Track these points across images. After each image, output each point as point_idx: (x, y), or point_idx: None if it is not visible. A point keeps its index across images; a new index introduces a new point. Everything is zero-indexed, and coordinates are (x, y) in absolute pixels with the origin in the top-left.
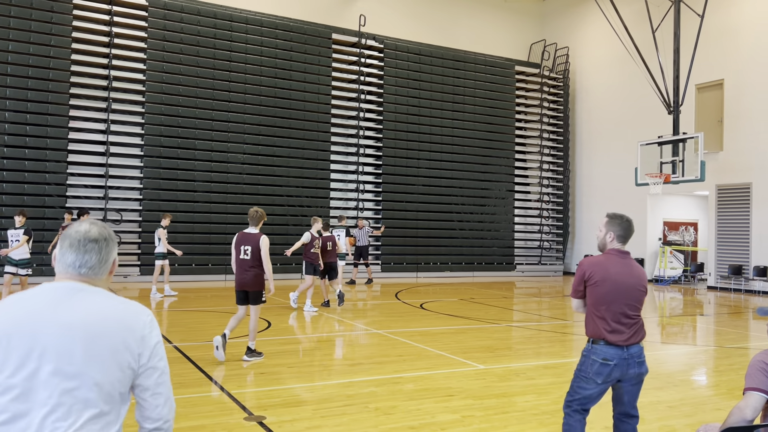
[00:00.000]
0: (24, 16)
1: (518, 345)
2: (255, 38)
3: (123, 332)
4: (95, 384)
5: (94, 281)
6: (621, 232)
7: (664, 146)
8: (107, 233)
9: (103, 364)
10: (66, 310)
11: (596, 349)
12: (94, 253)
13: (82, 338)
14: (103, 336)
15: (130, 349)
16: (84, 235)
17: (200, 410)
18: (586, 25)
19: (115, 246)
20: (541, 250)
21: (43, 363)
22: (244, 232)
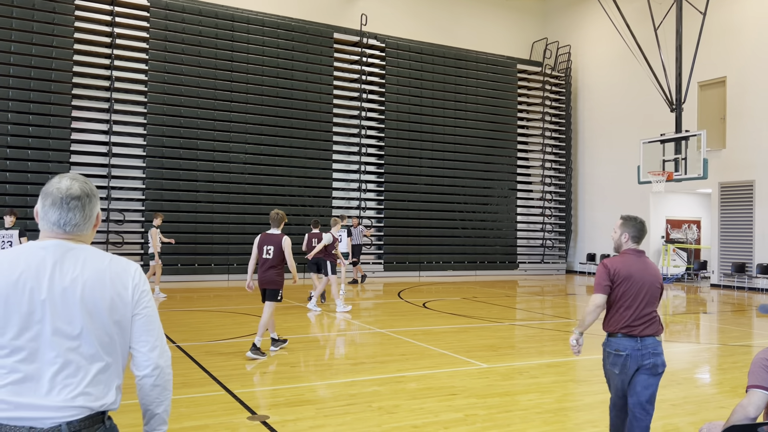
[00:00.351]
0: (26, 17)
1: (521, 344)
2: (257, 38)
3: (115, 287)
4: (97, 339)
5: (80, 237)
6: (635, 233)
7: (667, 144)
8: (89, 188)
9: (101, 320)
10: (60, 272)
11: (611, 342)
12: (78, 210)
13: (79, 298)
14: (98, 293)
15: (123, 301)
16: (66, 192)
17: (204, 410)
18: (588, 23)
19: (97, 201)
20: (543, 248)
21: (45, 324)
22: (267, 233)
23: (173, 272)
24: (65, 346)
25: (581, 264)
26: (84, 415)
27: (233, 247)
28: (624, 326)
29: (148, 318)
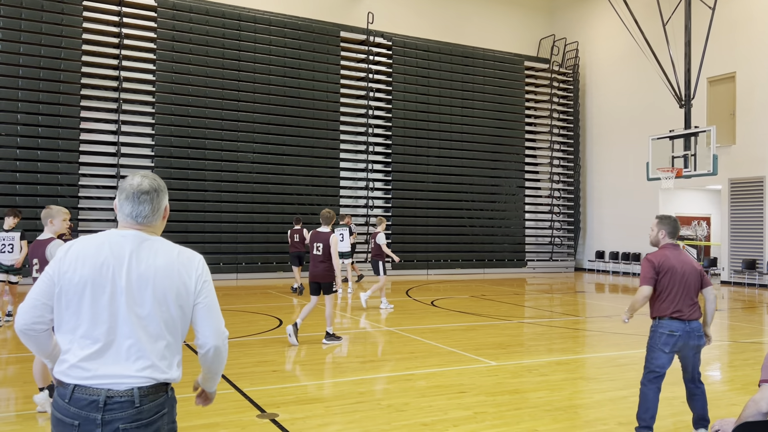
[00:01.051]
0: (35, 18)
1: (530, 341)
2: (264, 37)
3: (182, 277)
4: (162, 321)
5: (151, 227)
6: (670, 230)
7: (676, 140)
8: (157, 184)
9: (167, 304)
10: (137, 259)
11: (663, 324)
12: (147, 203)
13: (151, 284)
14: (167, 281)
15: (188, 291)
16: (137, 188)
17: (214, 408)
18: (596, 19)
19: (165, 195)
20: (552, 246)
21: (122, 305)
22: (317, 230)
23: None
24: (138, 324)
25: (590, 261)
26: (151, 384)
27: (241, 246)
28: (674, 311)
29: (208, 306)
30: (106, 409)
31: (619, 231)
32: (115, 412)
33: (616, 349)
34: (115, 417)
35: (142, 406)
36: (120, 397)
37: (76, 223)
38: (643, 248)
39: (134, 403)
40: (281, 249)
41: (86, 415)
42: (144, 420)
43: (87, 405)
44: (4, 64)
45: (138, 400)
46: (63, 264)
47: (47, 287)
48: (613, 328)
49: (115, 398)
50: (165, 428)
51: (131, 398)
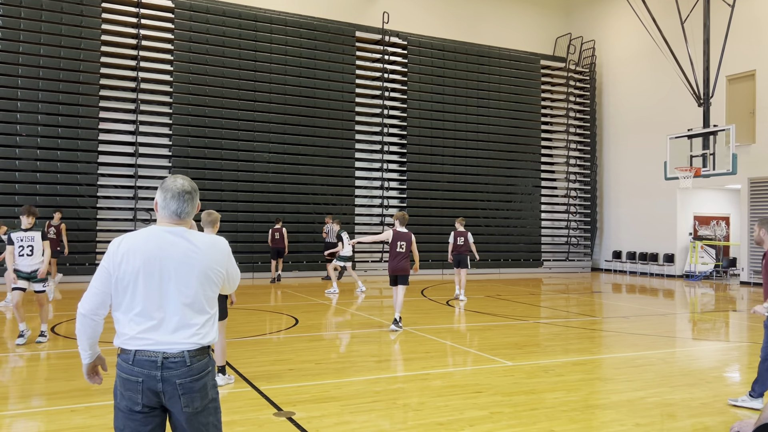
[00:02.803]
0: (54, 20)
1: (546, 342)
2: (279, 38)
3: (216, 257)
4: (204, 297)
5: (187, 222)
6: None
7: (694, 139)
8: (194, 186)
9: (209, 283)
10: (180, 248)
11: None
12: (189, 202)
13: (195, 269)
14: (206, 264)
15: (222, 267)
16: (181, 188)
17: (231, 406)
18: (613, 17)
19: (198, 194)
20: (568, 246)
21: (170, 286)
22: (398, 230)
23: None
24: (183, 302)
25: (607, 261)
26: (197, 347)
27: (257, 245)
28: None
29: (233, 275)
30: (164, 368)
31: (637, 231)
32: (171, 370)
33: (633, 349)
34: (172, 374)
35: (192, 365)
36: (174, 358)
37: (95, 222)
38: (661, 248)
39: (186, 362)
40: (297, 248)
41: (148, 373)
42: (195, 375)
43: (148, 364)
44: (26, 65)
45: (189, 360)
46: (116, 257)
47: (105, 278)
48: (630, 329)
49: (170, 359)
50: (210, 383)
51: (183, 358)
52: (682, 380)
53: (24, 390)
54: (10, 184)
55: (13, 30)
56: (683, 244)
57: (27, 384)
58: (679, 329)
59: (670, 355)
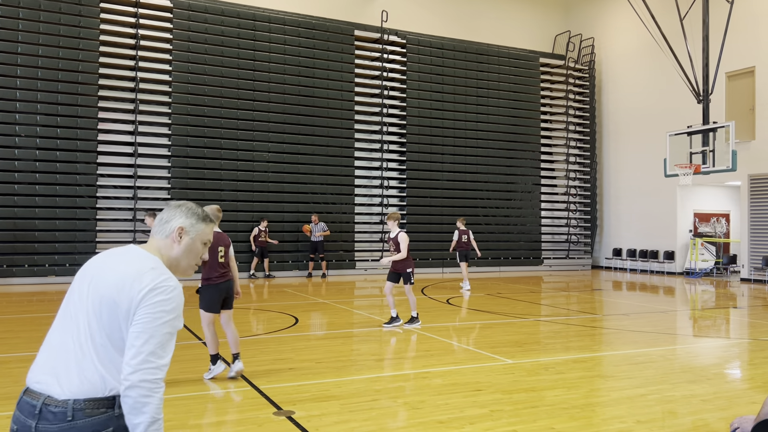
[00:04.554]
0: (53, 20)
1: (547, 339)
2: (278, 37)
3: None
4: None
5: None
6: None
7: (694, 136)
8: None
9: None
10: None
11: None
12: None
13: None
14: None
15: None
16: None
17: (230, 405)
18: (612, 14)
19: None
20: (568, 244)
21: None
22: (390, 236)
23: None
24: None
25: (607, 259)
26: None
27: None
28: None
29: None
30: (41, 418)
31: (637, 228)
32: (48, 423)
33: (633, 346)
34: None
35: (75, 420)
36: (55, 407)
37: (94, 223)
38: (661, 245)
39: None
40: (296, 247)
41: (24, 422)
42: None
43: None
44: (24, 66)
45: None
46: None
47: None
48: (631, 326)
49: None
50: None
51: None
52: (682, 377)
53: None
54: (9, 185)
55: (12, 30)
56: (683, 241)
57: None
58: (679, 326)
59: (671, 352)
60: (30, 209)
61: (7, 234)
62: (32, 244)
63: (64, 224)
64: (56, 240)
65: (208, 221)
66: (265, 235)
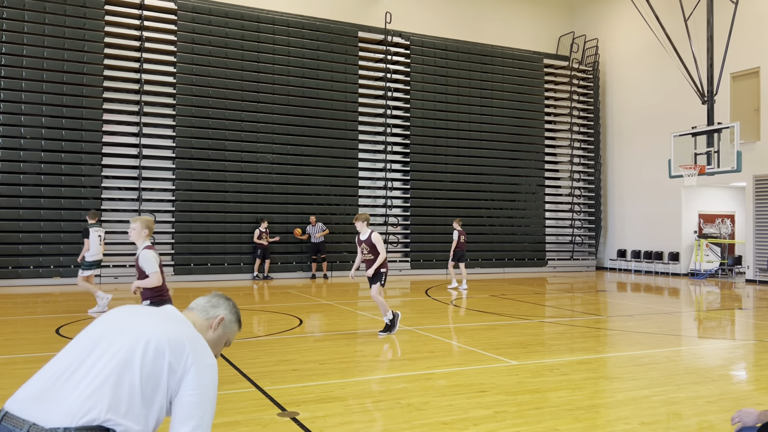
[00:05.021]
0: (58, 23)
1: (551, 341)
2: (282, 38)
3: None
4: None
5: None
6: None
7: (699, 137)
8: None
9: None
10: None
11: None
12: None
13: None
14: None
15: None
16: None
17: (234, 406)
18: (616, 15)
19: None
20: (573, 245)
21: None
22: (361, 238)
23: (203, 272)
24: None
25: (611, 260)
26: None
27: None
28: None
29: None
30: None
31: (641, 229)
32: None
33: (638, 348)
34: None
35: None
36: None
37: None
38: (666, 246)
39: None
40: (300, 249)
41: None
42: None
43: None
44: (29, 68)
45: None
46: None
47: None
48: (635, 327)
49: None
50: None
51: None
52: (687, 378)
53: None
54: (15, 187)
55: (17, 33)
56: (688, 243)
57: None
58: (684, 327)
59: (676, 353)
60: (35, 211)
61: (13, 235)
62: (37, 246)
63: (69, 226)
64: (61, 242)
65: (239, 326)
66: (266, 236)
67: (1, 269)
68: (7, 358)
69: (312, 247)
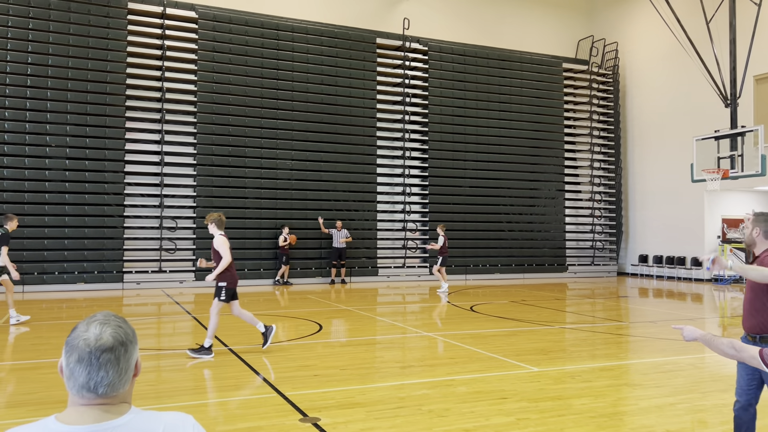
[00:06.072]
0: (82, 33)
1: (572, 347)
2: (301, 46)
3: None
4: None
5: (118, 397)
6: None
7: (722, 140)
8: (123, 333)
9: None
10: None
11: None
12: (111, 366)
13: None
14: None
15: None
16: (95, 344)
17: (257, 411)
18: (636, 19)
19: (136, 345)
20: (593, 250)
21: None
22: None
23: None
24: None
25: (633, 266)
26: None
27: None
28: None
29: None
30: None
31: (663, 234)
32: None
33: (661, 354)
34: None
35: None
36: None
37: (122, 230)
38: (688, 251)
39: None
40: (319, 255)
41: None
42: None
43: None
44: (54, 77)
45: None
46: None
47: None
48: (658, 334)
49: None
50: None
51: None
52: (713, 386)
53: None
54: (40, 194)
55: (42, 43)
56: (711, 248)
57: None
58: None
59: (700, 360)
60: (59, 218)
61: (38, 242)
62: (62, 252)
63: (92, 232)
64: (85, 248)
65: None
66: (288, 243)
67: (27, 275)
68: (32, 363)
69: (334, 252)
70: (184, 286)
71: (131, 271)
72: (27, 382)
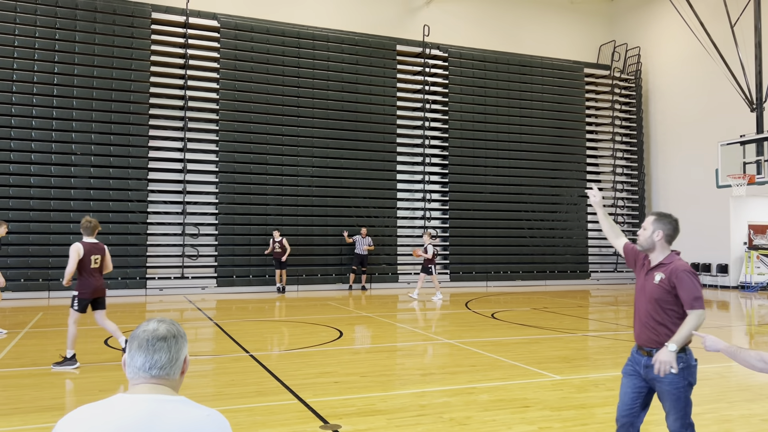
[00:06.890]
0: (107, 43)
1: (595, 355)
2: (322, 53)
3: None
4: None
5: (169, 382)
6: (670, 231)
7: (747, 145)
8: (176, 330)
9: None
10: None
11: (690, 352)
12: (164, 352)
13: None
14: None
15: None
16: (152, 334)
17: (278, 418)
18: (658, 23)
19: (185, 343)
20: (616, 257)
21: None
22: (95, 243)
23: (245, 284)
24: None
25: None
26: None
27: (301, 258)
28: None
29: None
30: None
31: (687, 240)
32: None
33: None
34: None
35: None
36: None
37: (145, 237)
38: (713, 258)
39: None
40: (339, 261)
41: None
42: None
43: None
44: (79, 87)
45: None
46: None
47: None
48: None
49: None
50: None
51: None
52: (740, 396)
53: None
54: (66, 201)
55: (69, 53)
56: (737, 254)
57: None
58: (735, 342)
59: (727, 369)
60: None
61: (64, 249)
62: None
63: (116, 239)
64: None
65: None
66: (280, 246)
67: (53, 281)
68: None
69: (356, 258)
70: (206, 293)
71: (154, 277)
72: (51, 387)
